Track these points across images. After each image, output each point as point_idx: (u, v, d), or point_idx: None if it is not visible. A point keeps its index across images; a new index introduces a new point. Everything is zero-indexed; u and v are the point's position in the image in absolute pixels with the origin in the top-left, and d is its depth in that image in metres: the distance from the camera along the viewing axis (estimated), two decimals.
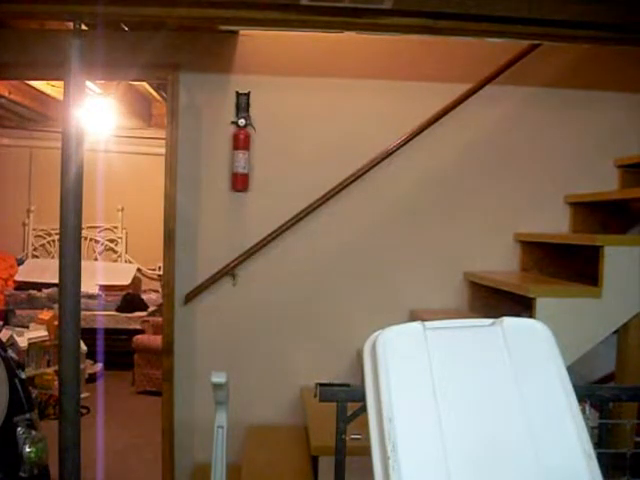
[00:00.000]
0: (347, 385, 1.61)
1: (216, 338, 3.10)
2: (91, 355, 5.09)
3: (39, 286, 6.22)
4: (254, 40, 3.02)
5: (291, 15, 2.17)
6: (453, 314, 2.96)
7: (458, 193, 3.14)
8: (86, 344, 4.60)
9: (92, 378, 5.12)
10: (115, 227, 7.09)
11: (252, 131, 3.06)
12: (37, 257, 6.97)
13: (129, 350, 5.37)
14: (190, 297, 3.06)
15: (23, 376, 2.37)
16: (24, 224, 7.03)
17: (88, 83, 4.23)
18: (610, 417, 1.67)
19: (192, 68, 3.04)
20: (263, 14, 2.19)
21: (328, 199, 3.06)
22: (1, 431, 2.11)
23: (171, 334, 3.07)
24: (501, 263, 3.12)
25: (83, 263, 2.26)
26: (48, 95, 5.20)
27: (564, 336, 1.12)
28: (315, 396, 1.59)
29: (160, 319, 4.13)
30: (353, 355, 3.01)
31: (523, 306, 2.41)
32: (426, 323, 1.04)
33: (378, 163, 3.04)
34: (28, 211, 6.98)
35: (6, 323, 5.43)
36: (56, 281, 2.33)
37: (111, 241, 7.14)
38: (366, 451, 0.96)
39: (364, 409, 1.02)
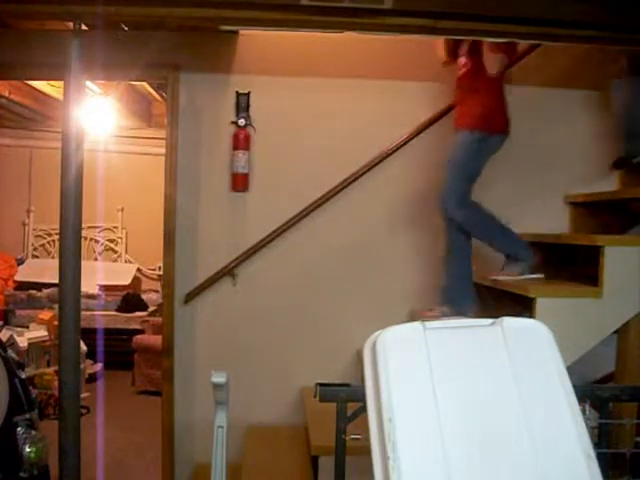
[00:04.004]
0: (347, 385, 1.61)
1: (216, 338, 3.10)
2: (91, 355, 5.08)
3: (39, 286, 6.22)
4: (254, 40, 3.02)
5: (291, 15, 2.17)
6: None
7: None
8: (86, 344, 4.59)
9: (92, 378, 5.11)
10: (115, 227, 7.09)
11: (252, 131, 3.06)
12: (37, 257, 6.96)
13: (129, 350, 5.36)
14: (190, 297, 3.06)
15: (23, 376, 2.37)
16: (24, 224, 7.02)
17: (88, 83, 4.23)
18: (610, 417, 1.67)
19: (192, 68, 3.04)
20: (263, 14, 2.19)
21: (329, 198, 3.06)
22: (1, 431, 2.11)
23: (171, 334, 3.07)
24: (501, 263, 3.12)
25: (83, 263, 2.26)
26: (48, 95, 5.20)
27: (564, 336, 1.12)
28: (315, 396, 1.59)
29: (160, 319, 4.12)
30: (353, 355, 3.01)
31: (523, 306, 2.41)
32: (426, 323, 1.04)
33: (379, 162, 3.04)
34: (28, 211, 6.97)
35: (6, 323, 5.42)
36: (56, 281, 2.33)
37: (111, 241, 7.13)
38: (366, 451, 0.96)
39: (364, 409, 1.02)
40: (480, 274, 2.98)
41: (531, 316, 2.31)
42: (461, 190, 2.61)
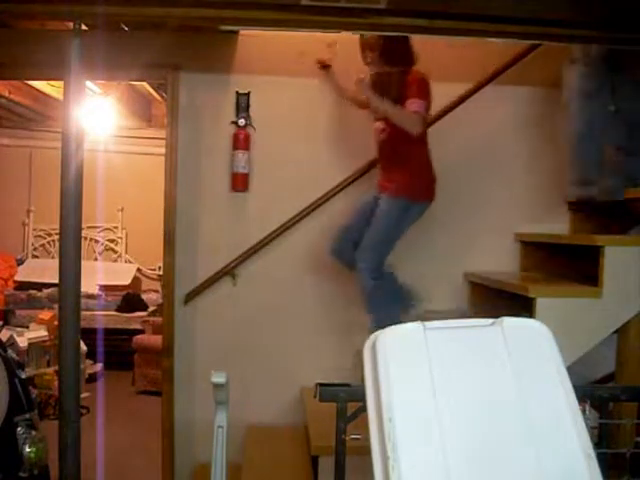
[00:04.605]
0: (347, 385, 1.61)
1: (216, 338, 3.10)
2: (91, 355, 5.09)
3: (39, 286, 6.22)
4: (254, 40, 3.02)
5: (291, 15, 2.17)
6: (453, 314, 2.96)
7: (458, 192, 3.14)
8: (86, 344, 4.59)
9: (92, 378, 5.11)
10: (115, 227, 7.09)
11: (252, 131, 3.06)
12: (37, 257, 6.96)
13: (129, 350, 5.37)
14: (190, 297, 3.06)
15: (23, 376, 2.37)
16: (24, 224, 7.02)
17: (88, 83, 4.23)
18: (610, 417, 1.67)
19: (192, 68, 3.04)
20: (263, 14, 2.19)
21: (329, 198, 3.06)
22: (1, 431, 2.12)
23: (171, 334, 3.07)
24: (501, 263, 3.12)
25: (83, 263, 2.26)
26: (48, 95, 5.20)
27: (564, 336, 1.12)
28: (315, 396, 1.59)
29: (160, 319, 4.13)
30: (354, 355, 3.01)
31: (523, 306, 2.41)
32: (426, 323, 1.03)
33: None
34: (28, 211, 6.97)
35: (6, 323, 5.43)
36: (56, 281, 2.33)
37: (111, 241, 7.13)
38: (366, 451, 0.96)
39: (364, 409, 1.02)
40: (479, 273, 2.98)
41: (531, 316, 2.31)
42: (379, 259, 2.58)
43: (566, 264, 2.92)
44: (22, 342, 4.26)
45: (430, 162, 2.64)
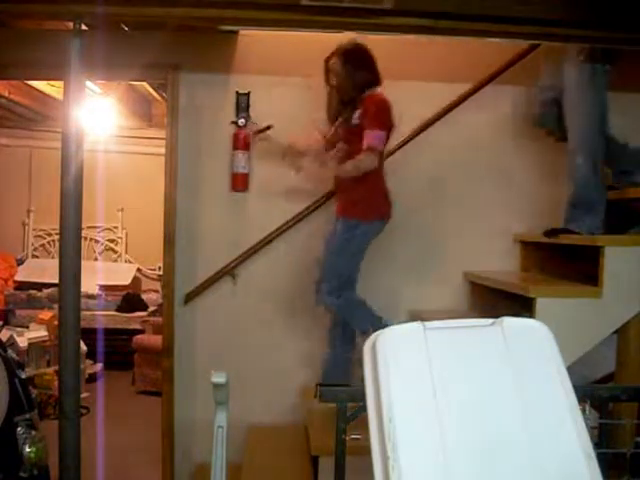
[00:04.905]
0: (347, 385, 1.61)
1: (216, 338, 3.10)
2: (91, 355, 5.09)
3: (39, 286, 6.22)
4: (254, 40, 3.02)
5: (291, 15, 2.18)
6: (453, 314, 2.96)
7: (458, 193, 3.14)
8: (86, 344, 4.60)
9: (92, 378, 5.11)
10: (115, 227, 7.09)
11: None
12: (37, 257, 6.96)
13: (129, 350, 5.37)
14: (190, 297, 3.06)
15: (23, 376, 2.37)
16: (24, 224, 7.02)
17: (88, 83, 4.23)
18: (610, 417, 1.67)
19: (192, 68, 3.04)
20: (263, 14, 2.19)
21: (329, 198, 3.06)
22: (1, 431, 2.12)
23: (171, 334, 3.07)
24: (501, 263, 3.12)
25: (83, 263, 2.26)
26: (48, 95, 5.20)
27: (564, 336, 1.12)
28: (315, 396, 1.59)
29: (160, 319, 4.13)
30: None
31: (523, 306, 2.41)
32: (426, 323, 1.03)
33: None
34: (28, 211, 6.97)
35: (6, 323, 5.43)
36: (56, 281, 2.33)
37: (111, 241, 7.13)
38: (366, 451, 0.96)
39: (364, 409, 1.02)
40: (479, 273, 2.98)
41: (531, 316, 2.31)
42: (337, 279, 2.58)
43: (566, 264, 2.92)
44: (22, 342, 4.26)
45: (383, 183, 2.65)
